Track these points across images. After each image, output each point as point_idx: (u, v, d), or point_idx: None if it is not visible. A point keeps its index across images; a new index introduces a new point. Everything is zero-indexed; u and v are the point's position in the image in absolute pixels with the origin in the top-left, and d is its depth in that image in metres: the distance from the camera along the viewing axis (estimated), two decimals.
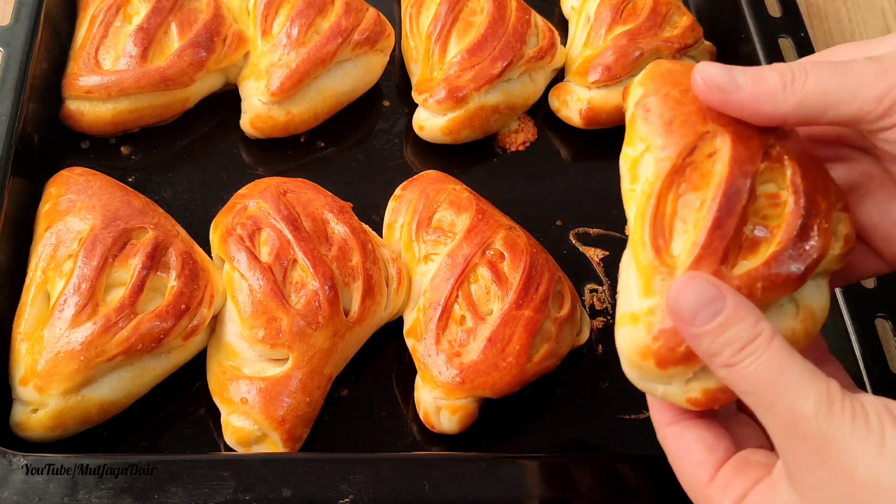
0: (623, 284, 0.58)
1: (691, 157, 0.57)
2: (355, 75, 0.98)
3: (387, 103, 1.03)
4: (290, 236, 0.79)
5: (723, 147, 0.57)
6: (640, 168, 0.58)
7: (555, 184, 0.98)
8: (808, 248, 0.56)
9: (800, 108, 0.55)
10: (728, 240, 0.55)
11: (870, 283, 0.82)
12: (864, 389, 0.76)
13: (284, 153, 0.97)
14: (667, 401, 0.58)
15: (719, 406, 0.57)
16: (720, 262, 0.54)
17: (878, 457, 0.47)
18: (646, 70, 0.61)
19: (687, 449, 0.57)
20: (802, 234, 0.56)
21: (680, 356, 0.54)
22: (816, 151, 0.63)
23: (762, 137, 0.57)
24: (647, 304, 0.55)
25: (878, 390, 0.75)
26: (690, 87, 0.58)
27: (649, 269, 0.55)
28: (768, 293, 0.55)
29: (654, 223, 0.56)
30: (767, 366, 0.50)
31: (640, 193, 0.58)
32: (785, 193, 0.57)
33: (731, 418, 0.60)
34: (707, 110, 0.58)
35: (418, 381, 0.79)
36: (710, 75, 0.56)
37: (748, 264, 0.55)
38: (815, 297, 0.59)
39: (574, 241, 0.94)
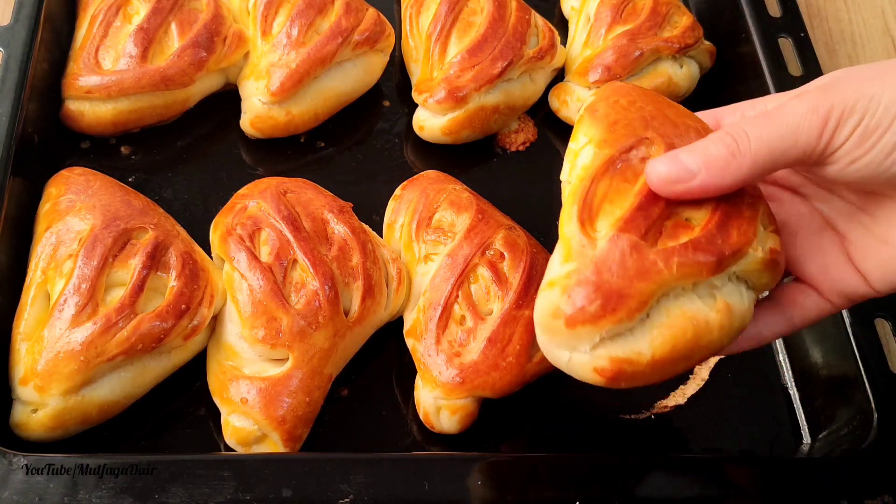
0: (548, 264, 0.61)
1: (627, 156, 0.61)
2: (355, 75, 0.98)
3: (387, 103, 1.03)
4: (290, 236, 0.79)
5: (657, 153, 0.61)
6: (579, 159, 0.64)
7: (555, 184, 0.97)
8: (725, 240, 0.59)
9: (754, 168, 0.57)
10: (651, 221, 0.58)
11: None
12: (864, 389, 0.76)
13: (284, 153, 0.97)
14: (573, 374, 0.60)
15: (625, 384, 0.59)
16: (642, 237, 0.58)
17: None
18: (605, 85, 0.68)
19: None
20: (721, 229, 0.59)
21: (589, 315, 0.57)
22: (746, 189, 0.65)
23: None
24: (565, 269, 0.58)
25: (879, 390, 0.75)
26: (637, 98, 0.64)
27: (571, 239, 0.59)
28: (683, 270, 0.58)
29: (584, 200, 0.60)
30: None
31: (576, 178, 0.62)
32: (708, 201, 0.60)
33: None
34: (650, 120, 0.63)
35: (418, 381, 0.80)
36: (660, 173, 0.59)
37: (668, 243, 0.58)
38: (736, 300, 0.61)
39: None
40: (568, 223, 0.60)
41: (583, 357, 0.59)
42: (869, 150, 0.55)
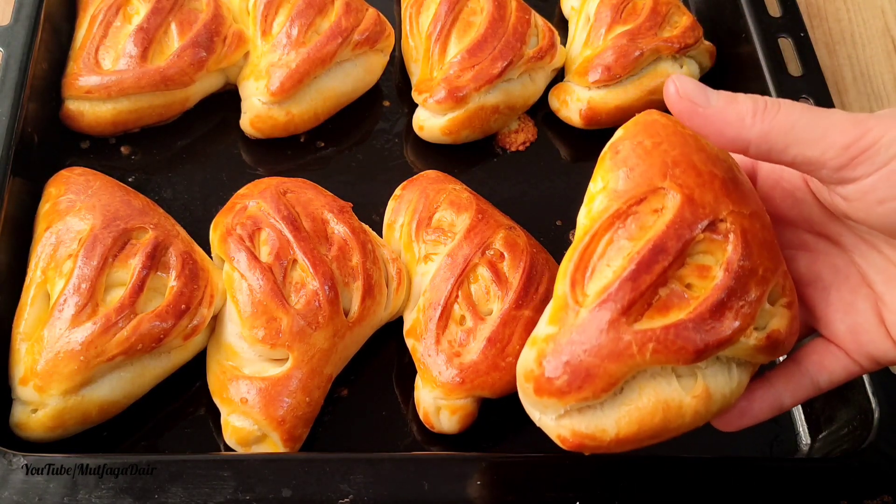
0: (541, 316, 0.59)
1: (638, 207, 0.57)
2: (355, 75, 0.98)
3: (387, 103, 1.03)
4: (290, 236, 0.79)
5: (670, 206, 0.57)
6: (594, 204, 0.59)
7: (555, 184, 0.98)
8: (715, 327, 0.55)
9: (764, 137, 0.53)
10: (638, 293, 0.55)
11: None
12: (864, 389, 0.76)
13: (284, 153, 0.97)
14: (543, 430, 0.58)
15: (588, 454, 0.57)
16: (622, 314, 0.55)
17: None
18: (636, 116, 0.63)
19: None
20: (716, 312, 0.55)
21: (555, 389, 0.55)
22: (782, 236, 0.62)
23: (715, 206, 0.57)
24: (548, 331, 0.56)
25: (879, 390, 0.75)
26: (664, 140, 0.59)
27: (561, 300, 0.57)
28: (657, 357, 0.55)
29: (580, 258, 0.57)
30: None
31: (581, 228, 0.59)
32: (717, 269, 0.56)
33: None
34: (672, 167, 0.58)
35: (418, 381, 0.80)
36: (683, 84, 0.56)
37: (650, 323, 0.55)
38: (721, 381, 0.58)
39: None
40: (561, 280, 0.57)
41: (549, 422, 0.57)
42: None
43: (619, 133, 0.61)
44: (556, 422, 0.57)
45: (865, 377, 0.76)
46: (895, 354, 0.58)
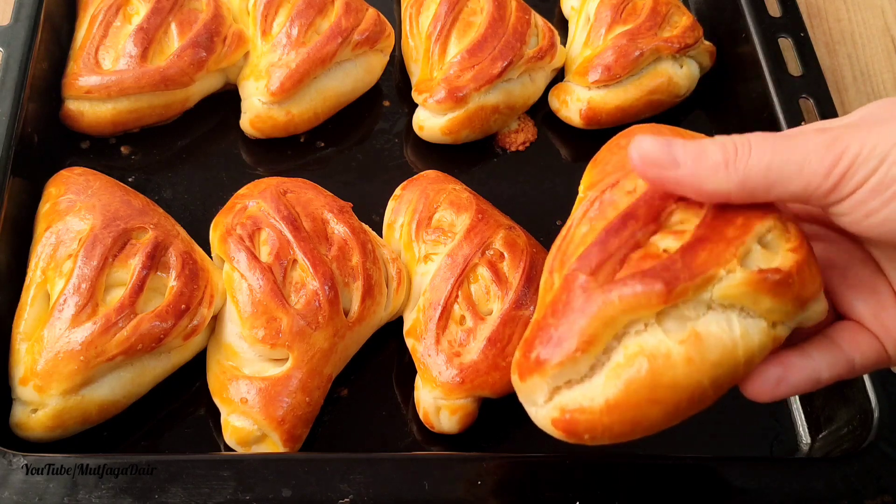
0: None
1: (612, 191, 0.57)
2: (355, 75, 0.98)
3: (387, 103, 1.03)
4: (290, 236, 0.79)
5: (642, 183, 0.57)
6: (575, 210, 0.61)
7: (555, 184, 0.98)
8: (685, 266, 0.52)
9: (743, 186, 0.52)
10: (606, 255, 0.53)
11: None
12: (864, 389, 0.76)
13: (284, 153, 0.97)
14: (538, 424, 0.56)
15: (589, 438, 0.54)
16: (591, 274, 0.53)
17: None
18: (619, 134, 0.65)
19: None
20: (687, 253, 0.53)
21: (533, 363, 0.53)
22: None
23: None
24: (532, 320, 0.56)
25: (878, 390, 0.75)
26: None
27: (541, 289, 0.57)
28: (626, 302, 0.52)
29: (557, 250, 0.57)
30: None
31: (563, 227, 0.60)
32: (691, 229, 0.55)
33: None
34: None
35: (418, 381, 0.80)
36: (644, 149, 0.53)
37: (622, 276, 0.53)
38: (715, 329, 0.53)
39: None
40: (544, 272, 0.57)
41: (540, 411, 0.55)
42: (887, 202, 0.50)
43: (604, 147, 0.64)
44: (546, 406, 0.54)
45: (865, 377, 0.76)
46: None
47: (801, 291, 0.54)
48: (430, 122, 0.96)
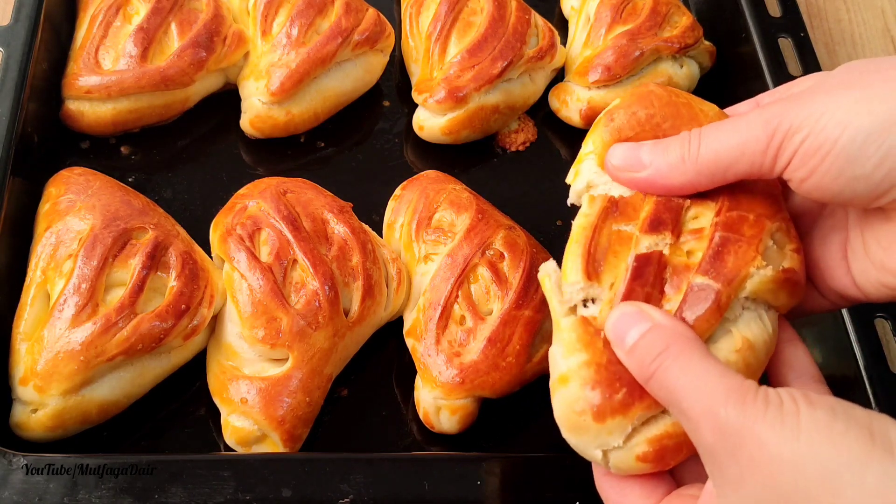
0: (550, 353, 0.58)
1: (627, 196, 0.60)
2: (355, 75, 0.98)
3: (387, 103, 1.03)
4: (290, 236, 0.79)
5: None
6: (582, 166, 0.63)
7: (555, 184, 0.98)
8: (721, 270, 0.56)
9: (701, 174, 0.56)
10: (648, 287, 0.57)
11: None
12: (864, 389, 0.76)
13: (284, 153, 0.97)
14: (617, 471, 0.56)
15: (672, 459, 0.55)
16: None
17: (793, 440, 0.45)
18: (633, 88, 0.66)
19: (623, 498, 0.57)
20: (716, 260, 0.57)
21: (618, 404, 0.54)
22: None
23: None
24: (576, 360, 0.55)
25: (878, 390, 0.75)
26: (657, 112, 0.61)
27: (572, 330, 0.57)
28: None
29: (587, 252, 0.58)
30: (679, 370, 0.51)
31: (577, 226, 0.60)
32: (708, 227, 0.58)
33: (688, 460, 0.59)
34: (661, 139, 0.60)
35: (418, 381, 0.80)
36: (614, 158, 0.59)
37: (670, 301, 0.56)
38: (756, 329, 0.58)
39: None
40: (572, 273, 0.58)
41: (620, 453, 0.55)
42: (812, 171, 0.53)
43: (615, 101, 0.64)
44: (628, 445, 0.55)
45: (865, 378, 0.76)
46: (854, 293, 0.60)
47: (801, 289, 0.60)
48: (430, 122, 0.96)
